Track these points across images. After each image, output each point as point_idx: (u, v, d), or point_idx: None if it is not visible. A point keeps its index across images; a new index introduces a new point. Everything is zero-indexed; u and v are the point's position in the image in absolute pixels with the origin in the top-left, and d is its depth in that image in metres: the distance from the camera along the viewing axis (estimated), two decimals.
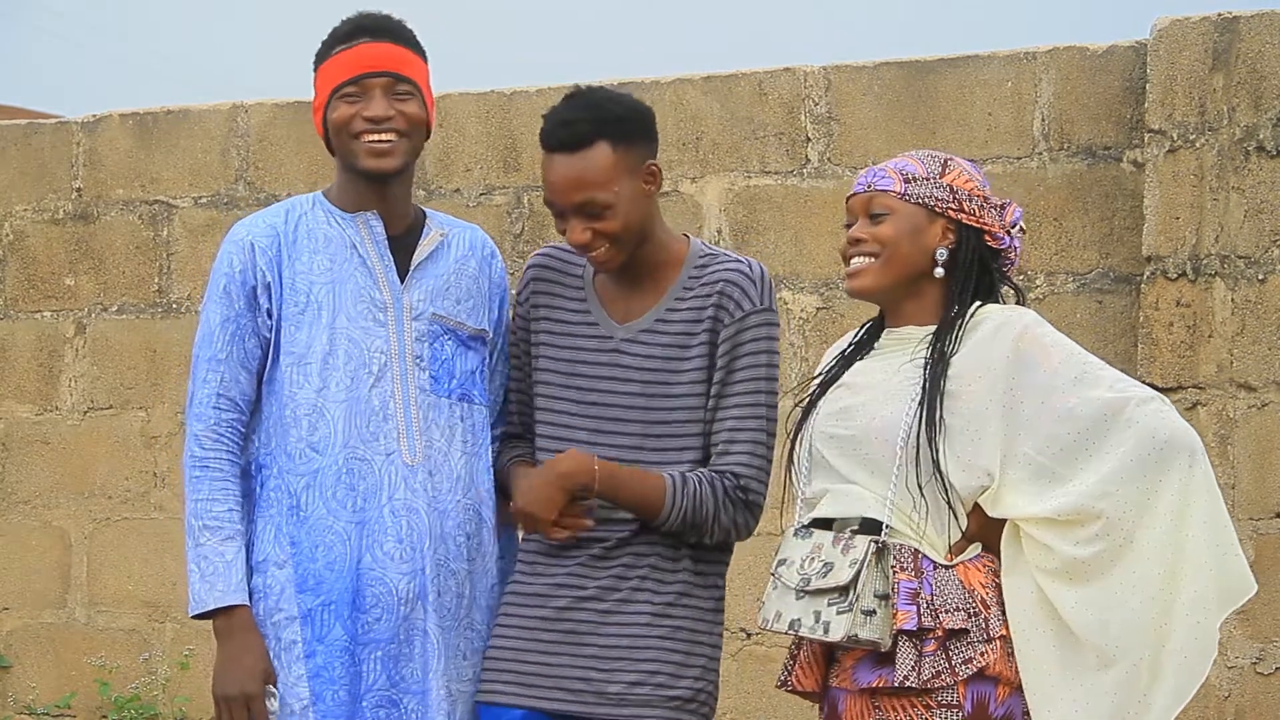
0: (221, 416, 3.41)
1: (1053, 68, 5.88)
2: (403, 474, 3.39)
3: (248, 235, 3.43)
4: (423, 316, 3.44)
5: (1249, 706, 5.46)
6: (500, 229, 6.51)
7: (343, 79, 3.41)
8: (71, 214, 7.07)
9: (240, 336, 3.40)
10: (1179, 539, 3.11)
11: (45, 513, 7.07)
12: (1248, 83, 5.46)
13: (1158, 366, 5.48)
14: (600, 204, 3.29)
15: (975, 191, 3.25)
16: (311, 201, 3.49)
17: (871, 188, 3.25)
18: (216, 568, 3.38)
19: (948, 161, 3.28)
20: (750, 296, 3.31)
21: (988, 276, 3.26)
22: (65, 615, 7.06)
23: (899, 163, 3.28)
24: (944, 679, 3.08)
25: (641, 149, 3.34)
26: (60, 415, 7.06)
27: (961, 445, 3.14)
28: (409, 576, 3.39)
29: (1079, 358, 3.17)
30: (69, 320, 7.07)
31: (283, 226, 3.44)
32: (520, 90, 6.54)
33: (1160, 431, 3.11)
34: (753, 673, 6.15)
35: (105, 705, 6.87)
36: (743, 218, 6.22)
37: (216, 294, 3.42)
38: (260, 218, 3.47)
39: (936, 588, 3.11)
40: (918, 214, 3.23)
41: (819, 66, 6.19)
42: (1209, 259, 5.47)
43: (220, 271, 3.42)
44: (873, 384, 3.24)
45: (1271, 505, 5.41)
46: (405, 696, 3.40)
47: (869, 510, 3.16)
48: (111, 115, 7.05)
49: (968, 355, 3.18)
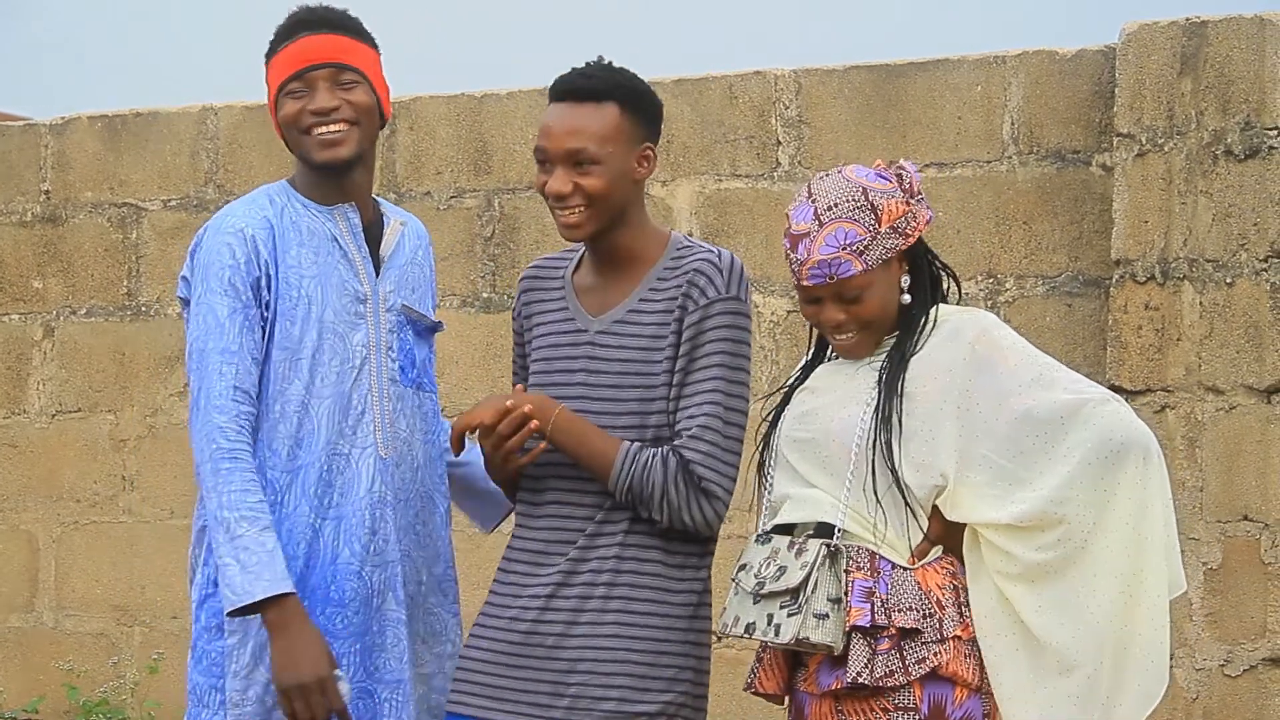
0: (240, 409, 3.35)
1: (1022, 72, 5.89)
2: (377, 467, 3.42)
3: (246, 226, 3.39)
4: (394, 308, 3.48)
5: (1217, 708, 5.48)
6: (471, 232, 6.51)
7: (286, 75, 3.40)
8: (40, 216, 7.05)
9: (249, 328, 3.36)
10: (1138, 541, 3.13)
11: (13, 516, 7.05)
12: (1216, 87, 5.48)
13: (1126, 369, 5.50)
14: (590, 157, 3.27)
15: (900, 208, 3.19)
16: (285, 193, 3.48)
17: (835, 278, 3.16)
18: (260, 558, 3.28)
19: (868, 192, 3.17)
20: (715, 284, 3.28)
21: (928, 267, 3.26)
22: (33, 619, 7.03)
23: (836, 235, 3.16)
24: (896, 678, 3.08)
25: (645, 129, 3.34)
26: (28, 418, 7.04)
27: (916, 447, 3.14)
28: (380, 569, 3.42)
29: (1035, 359, 3.18)
30: (37, 323, 7.04)
31: (275, 218, 3.42)
32: (491, 93, 6.53)
33: (1116, 432, 3.12)
34: (722, 675, 6.15)
35: (73, 709, 6.85)
36: (713, 220, 6.22)
37: (220, 286, 3.36)
38: (249, 208, 3.43)
39: (892, 588, 3.12)
40: (884, 272, 3.18)
41: (789, 70, 6.20)
42: (1177, 262, 5.49)
43: (222, 264, 3.36)
44: (833, 386, 3.24)
45: (1239, 508, 5.43)
46: (379, 687, 3.41)
47: (824, 515, 3.17)
48: (80, 117, 7.03)
49: (925, 357, 3.18)
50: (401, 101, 6.57)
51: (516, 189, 6.45)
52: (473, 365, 6.50)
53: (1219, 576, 5.32)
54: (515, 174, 6.45)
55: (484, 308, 6.50)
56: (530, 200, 6.40)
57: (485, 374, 6.46)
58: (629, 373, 3.31)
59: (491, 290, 6.50)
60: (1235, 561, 5.41)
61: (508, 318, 6.42)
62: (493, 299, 6.50)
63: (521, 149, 6.42)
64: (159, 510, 6.83)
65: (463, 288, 6.52)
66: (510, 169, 6.46)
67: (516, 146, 6.45)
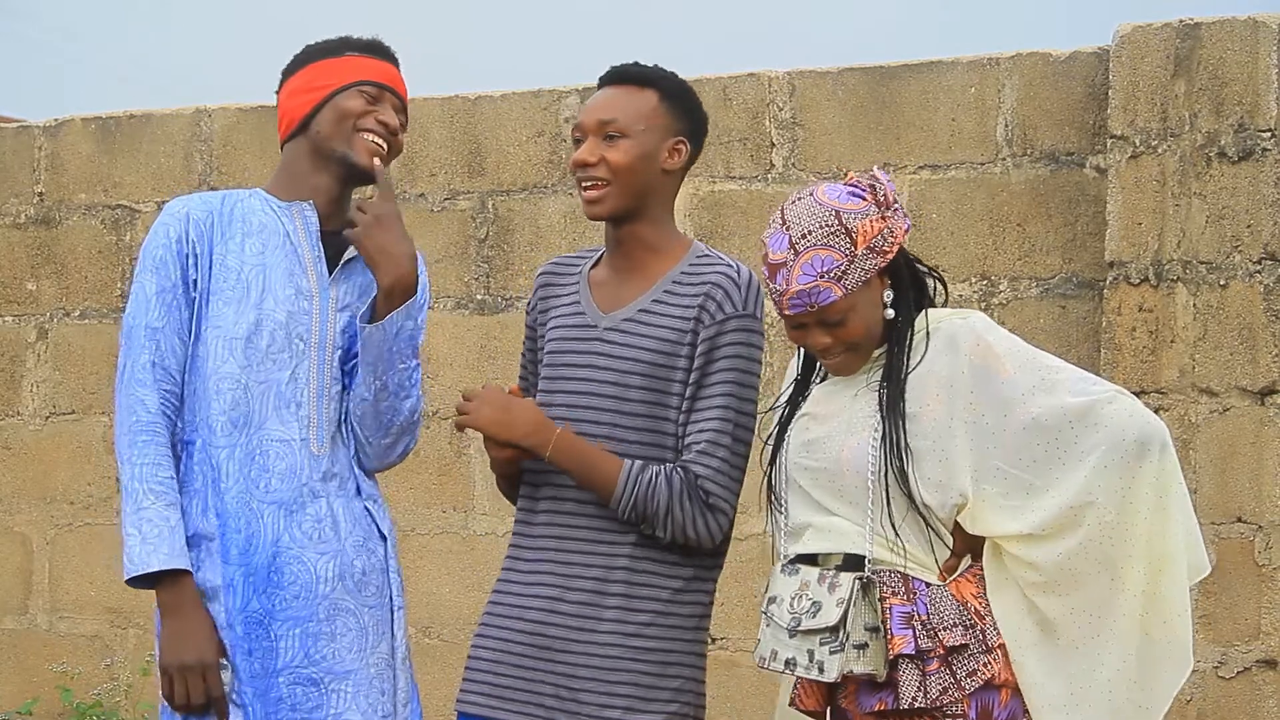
0: (161, 387, 3.43)
1: (1016, 73, 5.90)
2: (311, 463, 3.46)
3: (184, 209, 3.51)
4: (347, 309, 3.52)
5: (1211, 710, 5.48)
6: (465, 234, 6.50)
7: (368, 78, 3.54)
8: (33, 218, 7.04)
9: (176, 306, 3.45)
10: (1161, 533, 3.12)
11: (7, 518, 7.04)
12: (1209, 89, 5.48)
13: (1120, 371, 5.50)
14: (619, 129, 3.33)
15: (875, 226, 3.15)
16: (250, 192, 3.58)
17: (816, 305, 3.14)
18: (160, 531, 3.35)
19: (840, 215, 3.13)
20: (733, 300, 3.30)
21: (911, 274, 3.24)
22: (27, 621, 7.02)
23: (813, 263, 3.13)
24: (951, 694, 3.07)
25: (681, 124, 3.40)
26: (22, 420, 7.03)
27: (930, 467, 3.12)
28: (329, 557, 3.45)
29: (1034, 362, 3.15)
30: (30, 325, 7.03)
31: (218, 206, 3.52)
32: (485, 95, 6.53)
33: (1129, 431, 3.10)
34: (717, 677, 6.15)
35: (67, 712, 6.84)
36: (707, 222, 6.22)
37: (151, 264, 3.46)
38: (197, 196, 3.57)
39: (931, 606, 3.10)
40: (864, 291, 3.15)
41: (783, 72, 6.20)
42: (1171, 264, 5.49)
43: (156, 243, 3.48)
44: (835, 413, 3.21)
45: (1233, 510, 5.44)
46: (328, 677, 3.42)
47: (850, 545, 3.14)
48: (74, 119, 7.03)
49: (922, 373, 3.15)
50: None
51: (510, 191, 6.44)
52: (466, 367, 6.50)
53: (1213, 579, 5.31)
54: (509, 176, 6.45)
55: (478, 309, 6.50)
56: (524, 202, 6.40)
57: (479, 376, 6.45)
58: (631, 371, 3.31)
59: (485, 292, 6.50)
60: (1229, 563, 5.42)
61: (501, 320, 6.43)
62: (486, 301, 6.49)
63: (515, 151, 6.42)
64: None
65: (456, 289, 6.51)
66: (504, 171, 6.45)
67: (510, 148, 6.44)
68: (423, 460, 6.50)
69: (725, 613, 5.92)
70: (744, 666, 6.06)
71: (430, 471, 6.52)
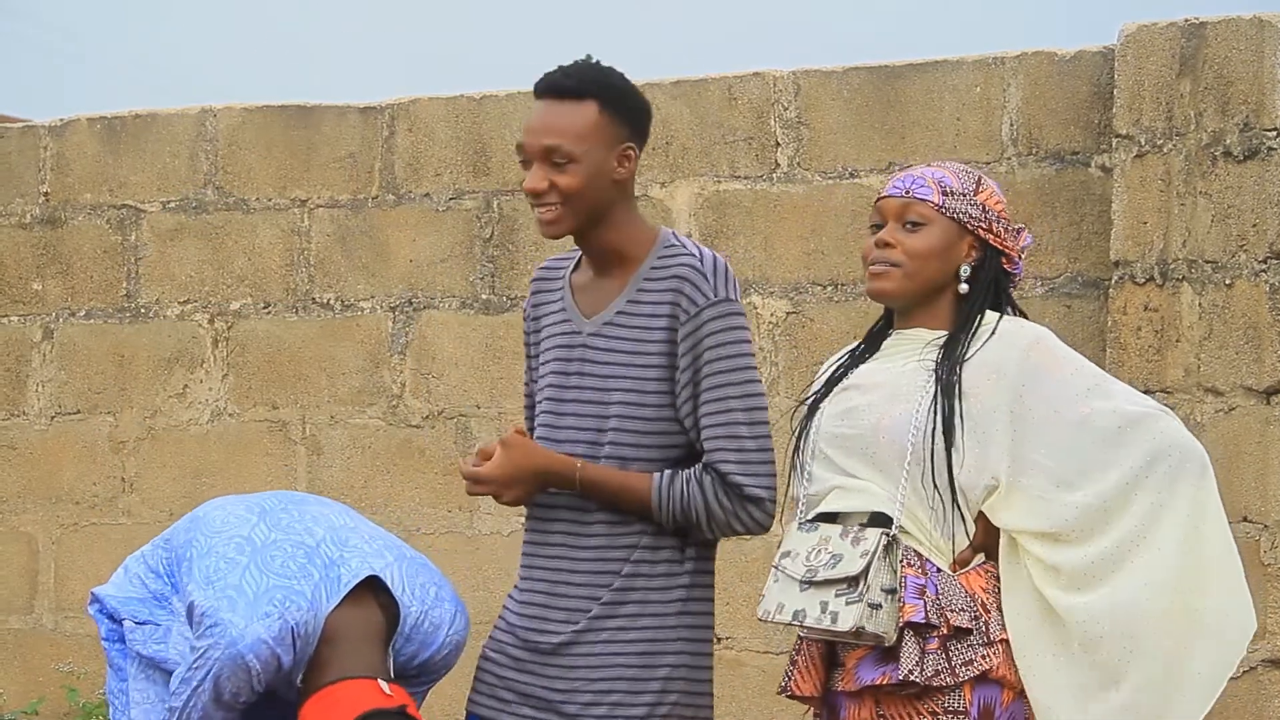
0: None
1: (1021, 73, 5.89)
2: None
3: None
4: None
5: (1216, 710, 5.45)
6: (470, 233, 6.50)
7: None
8: (39, 218, 7.05)
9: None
10: (1197, 551, 3.13)
11: (12, 518, 7.04)
12: (1214, 88, 5.47)
13: (1125, 371, 5.50)
14: (566, 154, 3.27)
15: (1003, 214, 3.30)
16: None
17: (910, 194, 3.25)
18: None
19: (981, 179, 3.31)
20: (703, 290, 3.27)
21: (997, 297, 3.29)
22: (33, 621, 7.03)
23: (935, 173, 3.28)
24: (944, 678, 3.08)
25: (626, 129, 3.33)
26: (27, 420, 7.03)
27: (969, 446, 3.15)
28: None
29: (1090, 370, 3.20)
30: (36, 325, 7.04)
31: None
32: (490, 94, 6.53)
33: (1175, 448, 3.14)
34: (722, 676, 6.15)
35: (73, 711, 6.85)
36: (712, 222, 6.22)
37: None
38: None
39: (941, 589, 3.12)
40: (951, 229, 3.25)
41: (788, 71, 6.20)
42: (1176, 264, 5.49)
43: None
44: (880, 384, 3.25)
45: (1238, 509, 5.43)
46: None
47: (879, 505, 3.17)
48: (79, 119, 7.03)
49: (979, 358, 3.19)
50: (401, 103, 6.57)
51: (515, 190, 6.44)
52: (471, 367, 6.50)
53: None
54: (514, 175, 6.45)
55: (483, 309, 6.50)
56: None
57: (484, 376, 6.46)
58: (613, 375, 3.31)
59: (490, 292, 6.50)
60: None
61: (506, 319, 6.43)
62: (492, 300, 6.49)
63: None
64: (158, 512, 6.83)
65: (462, 289, 6.52)
66: (509, 170, 6.45)
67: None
68: (427, 460, 6.51)
69: (731, 612, 5.92)
70: (749, 666, 6.06)
71: (435, 471, 6.52)
